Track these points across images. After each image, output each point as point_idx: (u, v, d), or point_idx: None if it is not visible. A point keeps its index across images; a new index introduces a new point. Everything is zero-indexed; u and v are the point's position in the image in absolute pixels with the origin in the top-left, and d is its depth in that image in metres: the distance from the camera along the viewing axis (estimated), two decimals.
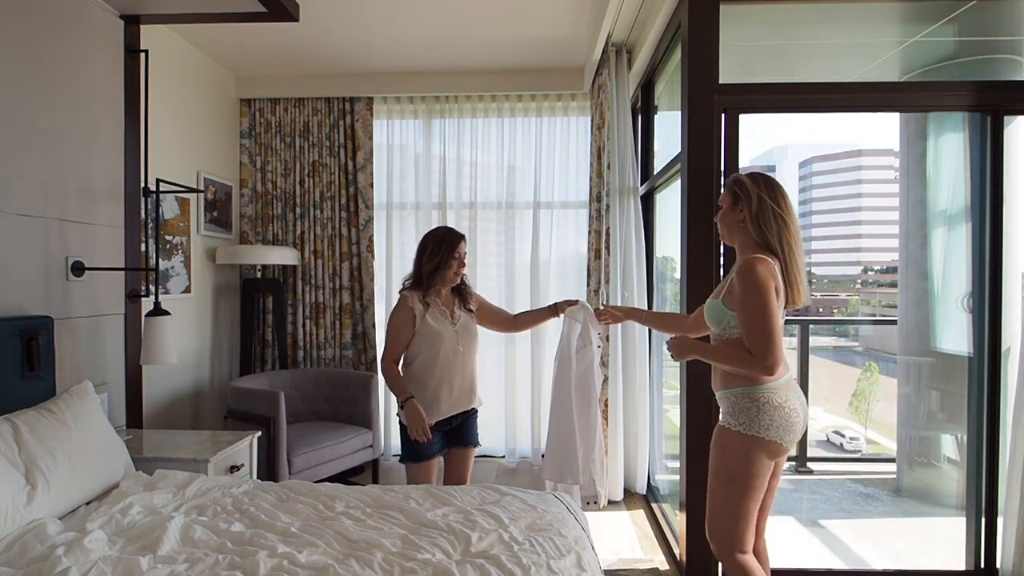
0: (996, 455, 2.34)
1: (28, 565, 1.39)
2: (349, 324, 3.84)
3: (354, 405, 3.44)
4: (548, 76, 3.75)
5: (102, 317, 2.43)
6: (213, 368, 3.60)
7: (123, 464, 1.94)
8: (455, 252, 2.33)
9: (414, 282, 2.39)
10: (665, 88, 3.33)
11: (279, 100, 3.83)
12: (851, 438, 5.34)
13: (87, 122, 2.35)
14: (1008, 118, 2.37)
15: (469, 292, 2.48)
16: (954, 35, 2.76)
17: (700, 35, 2.29)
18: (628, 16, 2.92)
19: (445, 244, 2.33)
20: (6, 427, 1.62)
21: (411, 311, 2.33)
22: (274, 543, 1.55)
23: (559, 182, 3.88)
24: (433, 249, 2.34)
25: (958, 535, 2.50)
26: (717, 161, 2.30)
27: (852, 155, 11.55)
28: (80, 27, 2.31)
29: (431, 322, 2.32)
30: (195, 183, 3.35)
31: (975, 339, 2.44)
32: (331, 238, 3.84)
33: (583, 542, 1.69)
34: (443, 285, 2.36)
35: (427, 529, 1.68)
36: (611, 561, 2.59)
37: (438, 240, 2.35)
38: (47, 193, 2.15)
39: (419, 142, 3.97)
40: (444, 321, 2.35)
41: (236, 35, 3.21)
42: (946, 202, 3.08)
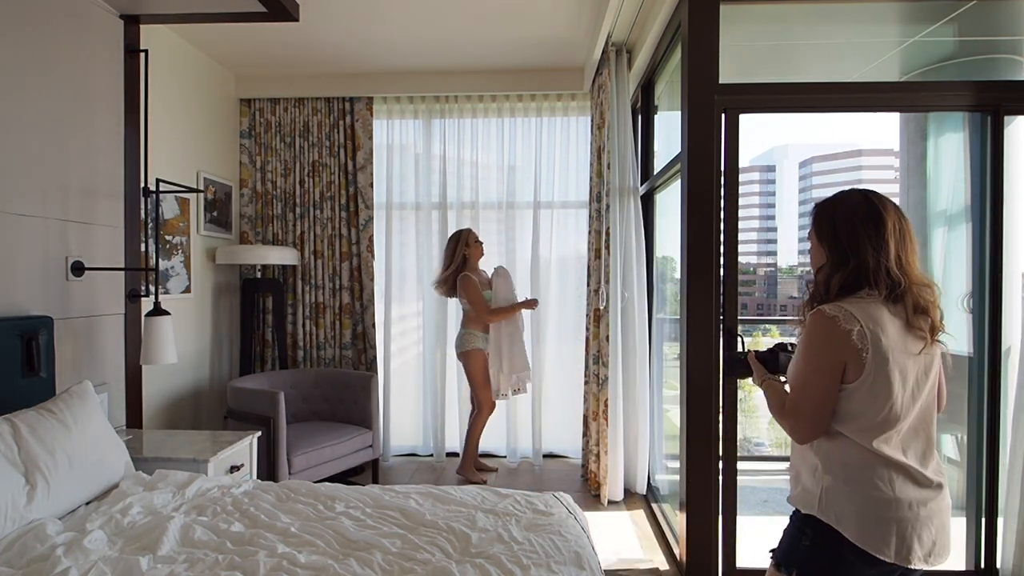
0: (996, 455, 2.34)
1: (28, 565, 1.39)
2: (349, 324, 3.84)
3: (354, 405, 3.43)
4: (548, 76, 3.75)
5: (102, 317, 2.43)
6: (213, 368, 3.60)
7: (123, 464, 1.94)
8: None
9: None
10: (665, 88, 3.33)
11: (279, 100, 3.83)
12: None
13: (87, 122, 2.35)
14: (1008, 118, 2.37)
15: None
16: (954, 35, 2.76)
17: (700, 35, 2.29)
18: (628, 16, 2.92)
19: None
20: (6, 427, 1.62)
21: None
22: (274, 543, 1.56)
23: (559, 182, 3.88)
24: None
25: (958, 535, 2.49)
26: (717, 161, 2.30)
27: (852, 155, 11.55)
28: (80, 27, 2.31)
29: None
30: (195, 183, 3.35)
31: (975, 339, 2.44)
32: (331, 238, 3.84)
33: (583, 542, 1.69)
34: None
35: (427, 529, 1.68)
36: (611, 561, 2.59)
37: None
38: (47, 193, 2.15)
39: (419, 142, 3.97)
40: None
41: (236, 35, 3.21)
42: (946, 202, 3.07)
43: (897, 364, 1.20)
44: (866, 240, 1.23)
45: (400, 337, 4.06)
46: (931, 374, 1.27)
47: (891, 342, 1.20)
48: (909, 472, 1.22)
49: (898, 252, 1.24)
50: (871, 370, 1.19)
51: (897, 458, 1.22)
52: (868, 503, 1.21)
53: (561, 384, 3.94)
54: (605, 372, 3.24)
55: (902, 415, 1.22)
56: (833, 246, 1.28)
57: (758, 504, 3.41)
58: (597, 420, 3.31)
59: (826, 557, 1.26)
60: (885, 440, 1.22)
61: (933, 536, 1.22)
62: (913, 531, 1.20)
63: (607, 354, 3.23)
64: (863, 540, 1.21)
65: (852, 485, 1.23)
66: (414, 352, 4.08)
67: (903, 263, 1.24)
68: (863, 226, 1.24)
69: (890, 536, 1.20)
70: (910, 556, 1.20)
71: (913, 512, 1.21)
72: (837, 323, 1.20)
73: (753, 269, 10.91)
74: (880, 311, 1.22)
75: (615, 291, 3.23)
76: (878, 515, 1.21)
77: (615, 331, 3.23)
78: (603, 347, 3.25)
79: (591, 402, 3.36)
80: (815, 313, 1.25)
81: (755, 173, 12.44)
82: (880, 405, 1.21)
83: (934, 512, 1.23)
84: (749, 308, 9.45)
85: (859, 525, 1.22)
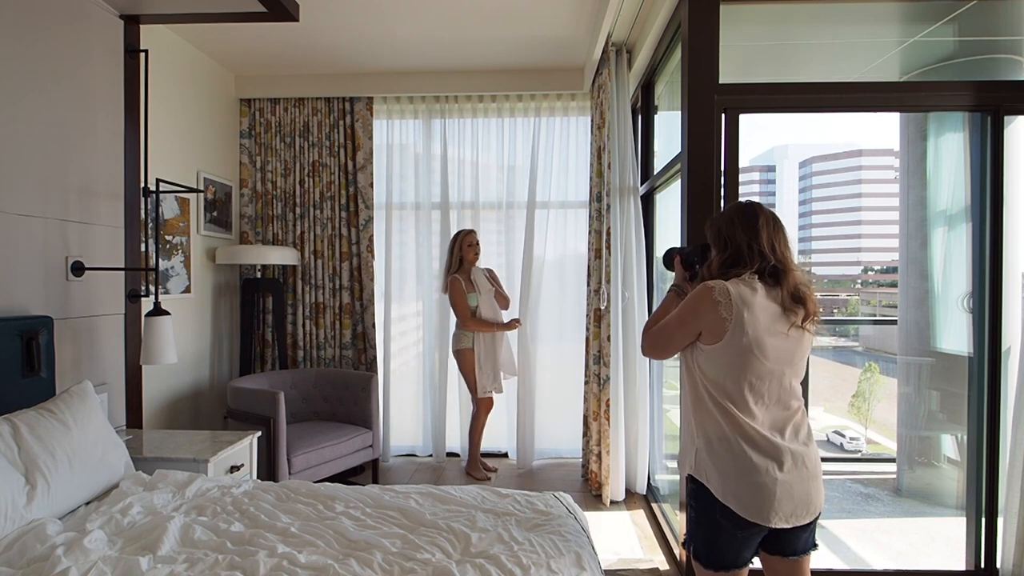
0: (996, 455, 2.34)
1: (28, 565, 1.39)
2: (349, 324, 3.84)
3: (354, 405, 3.44)
4: (548, 76, 3.75)
5: (102, 317, 2.43)
6: (213, 368, 3.60)
7: (123, 464, 1.94)
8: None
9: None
10: (665, 88, 3.33)
11: (279, 100, 3.83)
12: (851, 438, 5.35)
13: (87, 122, 2.35)
14: (1008, 118, 2.37)
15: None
16: (954, 35, 2.76)
17: (700, 35, 2.29)
18: (628, 16, 2.92)
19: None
20: (6, 427, 1.62)
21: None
22: (274, 543, 1.56)
23: (559, 182, 3.88)
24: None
25: (958, 535, 2.49)
26: (717, 161, 2.30)
27: (852, 155, 11.55)
28: (80, 27, 2.31)
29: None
30: (195, 183, 3.35)
31: (975, 339, 2.44)
32: (331, 238, 3.84)
33: (583, 542, 1.69)
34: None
35: (427, 529, 1.68)
36: (611, 561, 2.59)
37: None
38: (47, 193, 2.15)
39: (419, 142, 3.97)
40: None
41: (236, 35, 3.21)
42: (946, 202, 3.08)
43: (757, 341, 1.38)
44: (740, 229, 1.47)
45: (400, 337, 4.06)
46: (797, 355, 1.44)
47: (756, 320, 1.38)
48: (761, 440, 1.38)
49: (771, 240, 1.45)
50: (729, 339, 1.38)
51: (753, 426, 1.39)
52: (730, 467, 1.39)
53: (561, 384, 3.94)
54: (606, 372, 3.24)
55: (759, 388, 1.40)
56: (716, 239, 1.52)
57: None
58: (598, 420, 3.31)
59: (706, 522, 1.44)
60: (743, 409, 1.40)
61: (793, 500, 1.37)
62: (771, 494, 1.36)
63: (608, 354, 3.23)
64: (727, 498, 1.38)
65: (716, 450, 1.41)
66: (414, 352, 4.08)
67: (777, 250, 1.45)
68: (739, 219, 1.48)
69: (750, 498, 1.37)
70: (770, 516, 1.36)
71: (771, 477, 1.36)
72: (712, 293, 1.39)
73: None
74: (754, 294, 1.40)
75: (615, 291, 3.23)
76: (738, 478, 1.38)
77: (616, 331, 3.23)
78: (604, 347, 3.25)
79: (591, 402, 3.36)
80: (702, 283, 1.45)
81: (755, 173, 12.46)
82: (737, 374, 1.39)
83: (792, 479, 1.38)
84: None
85: (723, 485, 1.39)
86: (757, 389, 1.40)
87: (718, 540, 1.43)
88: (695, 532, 1.48)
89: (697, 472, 1.45)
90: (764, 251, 1.43)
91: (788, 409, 1.44)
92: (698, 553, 1.47)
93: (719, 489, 1.40)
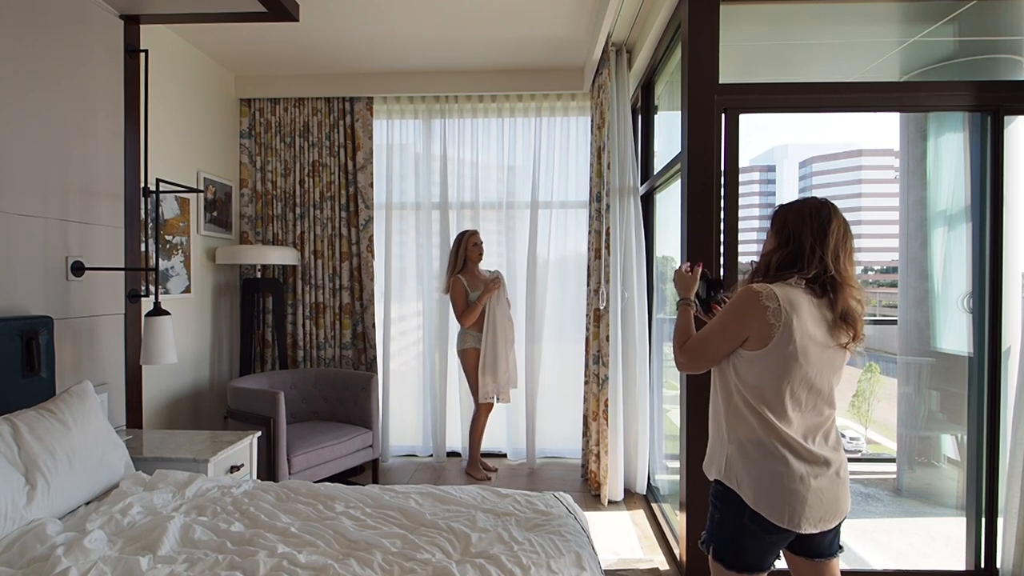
0: (996, 455, 2.34)
1: (28, 565, 1.39)
2: (349, 324, 3.84)
3: (354, 405, 3.44)
4: (548, 76, 3.75)
5: (102, 317, 2.43)
6: (213, 368, 3.60)
7: (123, 464, 1.94)
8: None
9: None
10: (665, 88, 3.33)
11: (279, 100, 3.83)
12: (851, 438, 5.35)
13: (87, 122, 2.35)
14: (1008, 118, 2.37)
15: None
16: (954, 35, 2.76)
17: (700, 35, 2.29)
18: (628, 16, 2.92)
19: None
20: (6, 427, 1.62)
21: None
22: (274, 543, 1.56)
23: (559, 182, 3.88)
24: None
25: (958, 535, 2.49)
26: (717, 161, 2.30)
27: (852, 155, 11.57)
28: (80, 27, 2.31)
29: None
30: (195, 183, 3.35)
31: (975, 339, 2.44)
32: (331, 238, 3.84)
33: (583, 542, 1.69)
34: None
35: (427, 529, 1.68)
36: (611, 561, 2.59)
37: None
38: (47, 193, 2.15)
39: (419, 142, 3.97)
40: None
41: (236, 35, 3.21)
42: (946, 202, 3.08)
43: (803, 348, 1.34)
44: (809, 228, 1.39)
45: (400, 337, 4.06)
46: (837, 361, 1.42)
47: (803, 327, 1.34)
48: (798, 447, 1.36)
49: (836, 249, 1.38)
50: (775, 345, 1.34)
51: (789, 433, 1.36)
52: (764, 473, 1.36)
53: (561, 384, 3.94)
54: (605, 372, 3.24)
55: (799, 395, 1.37)
56: (781, 230, 1.45)
57: None
58: (597, 420, 3.31)
59: (732, 525, 1.41)
60: (780, 416, 1.37)
61: (823, 505, 1.37)
62: (803, 501, 1.35)
63: (607, 354, 3.23)
64: (758, 504, 1.36)
65: (750, 455, 1.38)
66: (414, 352, 4.08)
67: (840, 261, 1.38)
68: (811, 218, 1.40)
69: (782, 504, 1.35)
70: (801, 523, 1.35)
71: (805, 484, 1.35)
72: (760, 299, 1.34)
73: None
74: (802, 299, 1.36)
75: (615, 291, 3.23)
76: (772, 484, 1.36)
77: (615, 331, 3.23)
78: (603, 347, 3.25)
79: (591, 402, 3.36)
80: (746, 287, 1.40)
81: (755, 173, 12.45)
82: (778, 380, 1.35)
83: (824, 485, 1.37)
84: None
85: (755, 491, 1.37)
86: (796, 395, 1.37)
87: (745, 543, 1.40)
88: (718, 533, 1.45)
89: (727, 477, 1.42)
90: (827, 259, 1.37)
91: (822, 415, 1.41)
92: (720, 554, 1.44)
93: (750, 495, 1.37)
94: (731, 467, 1.42)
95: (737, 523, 1.40)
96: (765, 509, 1.35)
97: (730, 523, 1.42)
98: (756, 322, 1.34)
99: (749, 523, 1.38)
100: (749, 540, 1.40)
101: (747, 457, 1.39)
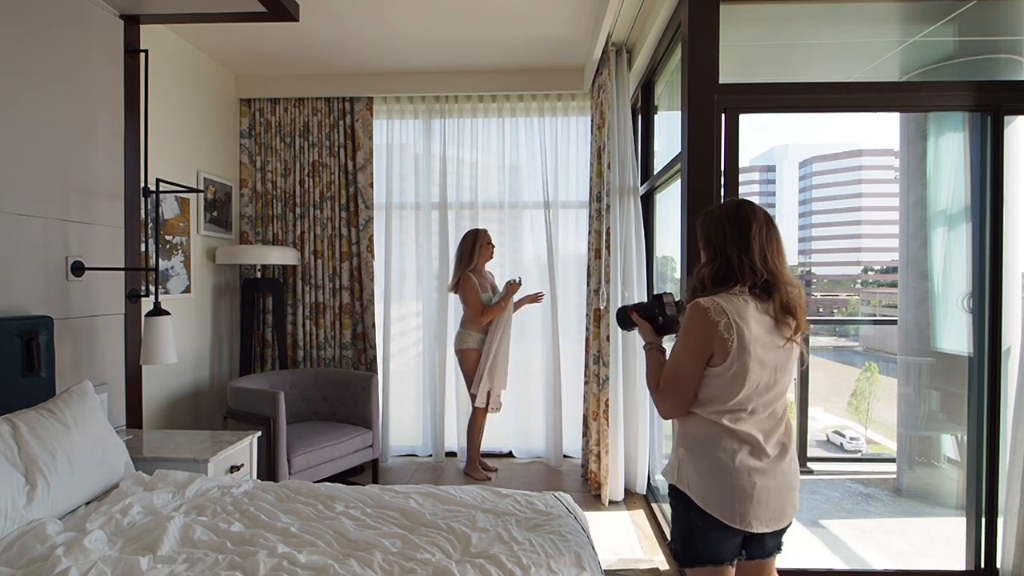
0: (996, 455, 2.34)
1: (28, 565, 1.39)
2: (349, 324, 3.84)
3: (354, 405, 3.43)
4: (548, 76, 3.75)
5: (102, 317, 2.43)
6: (213, 368, 3.60)
7: (123, 464, 1.94)
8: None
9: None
10: (665, 88, 3.33)
11: (279, 100, 3.83)
12: (851, 438, 5.35)
13: (87, 122, 2.35)
14: (1008, 118, 2.37)
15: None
16: (954, 35, 2.76)
17: (700, 35, 2.29)
18: (628, 16, 2.92)
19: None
20: (6, 427, 1.62)
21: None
22: (274, 543, 1.56)
23: (559, 182, 3.88)
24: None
25: (958, 535, 2.49)
26: (717, 161, 2.30)
27: (852, 155, 11.57)
28: (80, 27, 2.31)
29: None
30: (195, 183, 3.35)
31: (975, 339, 2.44)
32: (331, 238, 3.84)
33: (583, 542, 1.69)
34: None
35: (427, 529, 1.68)
36: (611, 561, 2.59)
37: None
38: (47, 193, 2.15)
39: (419, 142, 3.97)
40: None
41: (236, 35, 3.21)
42: (946, 202, 3.08)
43: (757, 355, 1.35)
44: (731, 238, 1.41)
45: (400, 337, 4.06)
46: (788, 366, 1.42)
47: (753, 335, 1.35)
48: (751, 444, 1.38)
49: (763, 251, 1.40)
50: (734, 358, 1.34)
51: (742, 431, 1.37)
52: (714, 475, 1.37)
53: (561, 384, 3.93)
54: (605, 372, 3.24)
55: (755, 398, 1.37)
56: (706, 245, 1.46)
57: None
58: (597, 420, 3.31)
59: (685, 524, 1.44)
60: (734, 421, 1.38)
61: (772, 503, 1.38)
62: (753, 499, 1.35)
63: (607, 354, 3.23)
64: (708, 505, 1.38)
65: (699, 456, 1.40)
66: (414, 352, 4.08)
67: (769, 262, 1.39)
68: (730, 227, 1.41)
69: (733, 504, 1.36)
70: (752, 522, 1.36)
71: (751, 481, 1.36)
72: (709, 314, 1.34)
73: None
74: (747, 307, 1.37)
75: (615, 291, 3.23)
76: (722, 483, 1.37)
77: (615, 331, 3.23)
78: (603, 347, 3.25)
79: (591, 402, 3.36)
80: (692, 304, 1.39)
81: (755, 173, 12.46)
82: (736, 389, 1.35)
83: (772, 482, 1.38)
84: None
85: (705, 492, 1.38)
86: (752, 400, 1.37)
87: (692, 537, 1.44)
88: (675, 533, 1.50)
89: (679, 481, 1.45)
90: (756, 265, 1.38)
91: (775, 418, 1.43)
92: (677, 553, 1.48)
93: (701, 495, 1.39)
94: (682, 470, 1.44)
95: (688, 521, 1.43)
96: (716, 510, 1.37)
97: (683, 522, 1.45)
98: (715, 339, 1.35)
99: (698, 520, 1.41)
100: (699, 536, 1.43)
101: (697, 459, 1.41)
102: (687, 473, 1.42)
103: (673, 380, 1.42)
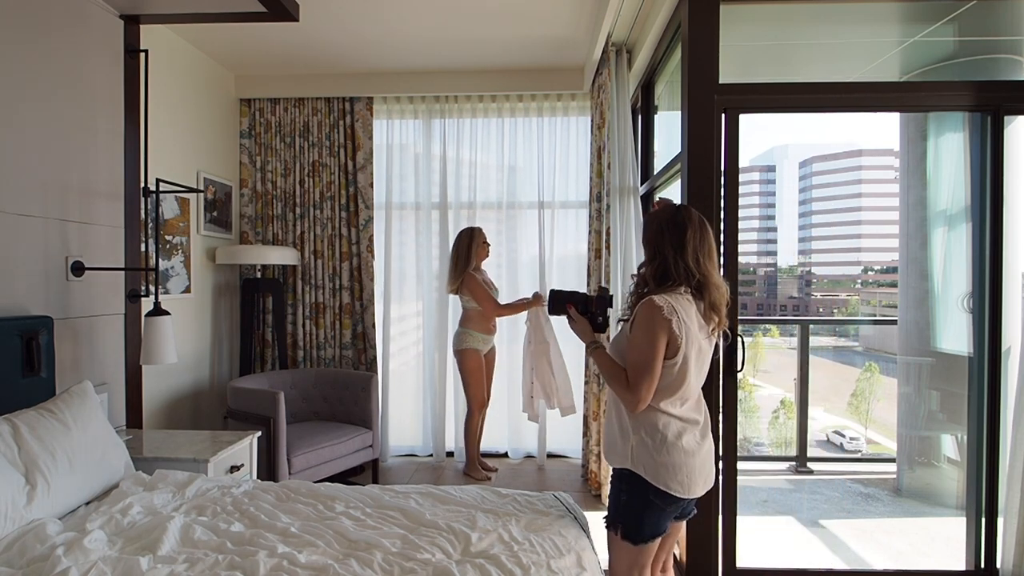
0: (996, 455, 2.34)
1: (28, 565, 1.39)
2: (349, 324, 3.84)
3: (354, 405, 3.43)
4: (548, 76, 3.75)
5: (102, 317, 2.43)
6: (213, 368, 3.60)
7: (123, 464, 1.94)
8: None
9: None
10: (665, 88, 3.33)
11: (279, 100, 3.83)
12: (851, 438, 5.35)
13: (87, 122, 2.35)
14: (1008, 118, 2.37)
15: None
16: (954, 35, 2.76)
17: (700, 35, 2.29)
18: (628, 16, 2.92)
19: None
20: (6, 427, 1.62)
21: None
22: (274, 543, 1.56)
23: (559, 182, 3.88)
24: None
25: (958, 535, 2.50)
26: (717, 161, 2.30)
27: (852, 155, 11.58)
28: (80, 27, 2.31)
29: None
30: (195, 183, 3.35)
31: (975, 339, 2.44)
32: (331, 238, 3.84)
33: (583, 542, 1.70)
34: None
35: (427, 529, 1.68)
36: None
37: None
38: (47, 193, 2.15)
39: (419, 142, 3.97)
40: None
41: (236, 35, 3.21)
42: (946, 202, 3.08)
43: (694, 347, 1.54)
44: (668, 242, 1.57)
45: (400, 337, 4.06)
46: (710, 355, 1.65)
47: (692, 330, 1.54)
48: (691, 423, 1.59)
49: (696, 254, 1.56)
50: (682, 353, 1.52)
51: (684, 414, 1.58)
52: (668, 453, 1.54)
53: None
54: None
55: (693, 384, 1.58)
56: (646, 245, 1.63)
57: (758, 504, 3.42)
58: (597, 420, 3.31)
59: (639, 504, 1.58)
60: (675, 403, 1.57)
61: (706, 471, 1.61)
62: (694, 470, 1.56)
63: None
64: (661, 481, 1.54)
65: (655, 440, 1.55)
66: (414, 352, 4.07)
67: (700, 264, 1.56)
68: (668, 231, 1.58)
69: (679, 475, 1.54)
70: (694, 489, 1.57)
71: (694, 456, 1.57)
72: (662, 312, 1.50)
73: (753, 269, 10.96)
74: (691, 307, 1.56)
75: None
76: (675, 462, 1.54)
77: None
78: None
79: (591, 402, 3.36)
80: (647, 301, 1.53)
81: (755, 173, 12.48)
82: (681, 379, 1.54)
83: (704, 452, 1.60)
84: (749, 308, 9.47)
85: (663, 472, 1.54)
86: (693, 388, 1.58)
87: (648, 517, 1.58)
88: (624, 514, 1.61)
89: (634, 465, 1.57)
90: (689, 267, 1.55)
91: (701, 401, 1.65)
92: (628, 532, 1.60)
93: (655, 475, 1.54)
94: (636, 455, 1.57)
95: (643, 501, 1.58)
96: (672, 486, 1.54)
97: (637, 503, 1.58)
98: (670, 335, 1.50)
99: (654, 499, 1.56)
100: (652, 514, 1.58)
101: (654, 444, 1.55)
102: (644, 458, 1.56)
103: (646, 373, 1.52)
